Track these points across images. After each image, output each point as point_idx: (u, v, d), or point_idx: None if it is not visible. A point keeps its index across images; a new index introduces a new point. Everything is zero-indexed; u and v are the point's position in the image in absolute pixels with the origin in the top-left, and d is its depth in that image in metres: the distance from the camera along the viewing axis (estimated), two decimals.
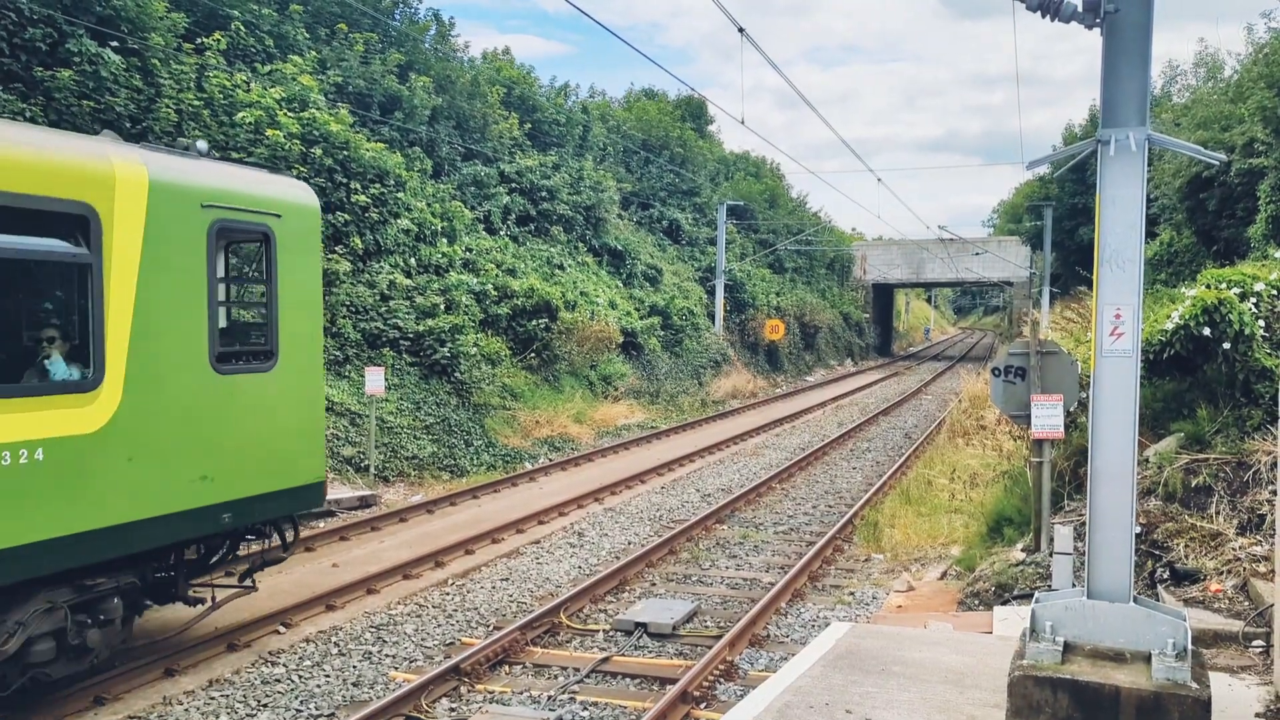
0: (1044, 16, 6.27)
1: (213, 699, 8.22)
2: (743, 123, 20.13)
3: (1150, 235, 24.49)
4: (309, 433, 9.48)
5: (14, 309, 7.45)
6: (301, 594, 10.72)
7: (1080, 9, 6.08)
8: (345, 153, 20.24)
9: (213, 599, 9.13)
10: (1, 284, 7.27)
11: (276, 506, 9.15)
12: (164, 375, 7.84)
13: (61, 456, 7.00)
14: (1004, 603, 9.85)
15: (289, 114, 19.40)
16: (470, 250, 24.98)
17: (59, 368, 7.27)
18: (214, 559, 9.24)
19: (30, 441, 6.77)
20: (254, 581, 9.68)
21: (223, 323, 8.77)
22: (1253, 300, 11.20)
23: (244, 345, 9.31)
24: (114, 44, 16.83)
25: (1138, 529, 9.06)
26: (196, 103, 17.76)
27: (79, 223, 7.16)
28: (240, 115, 18.39)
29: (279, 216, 9.01)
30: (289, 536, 9.69)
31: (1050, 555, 8.98)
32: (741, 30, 13.79)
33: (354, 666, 9.04)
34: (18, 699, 7.57)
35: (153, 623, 9.58)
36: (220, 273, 8.68)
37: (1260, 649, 7.81)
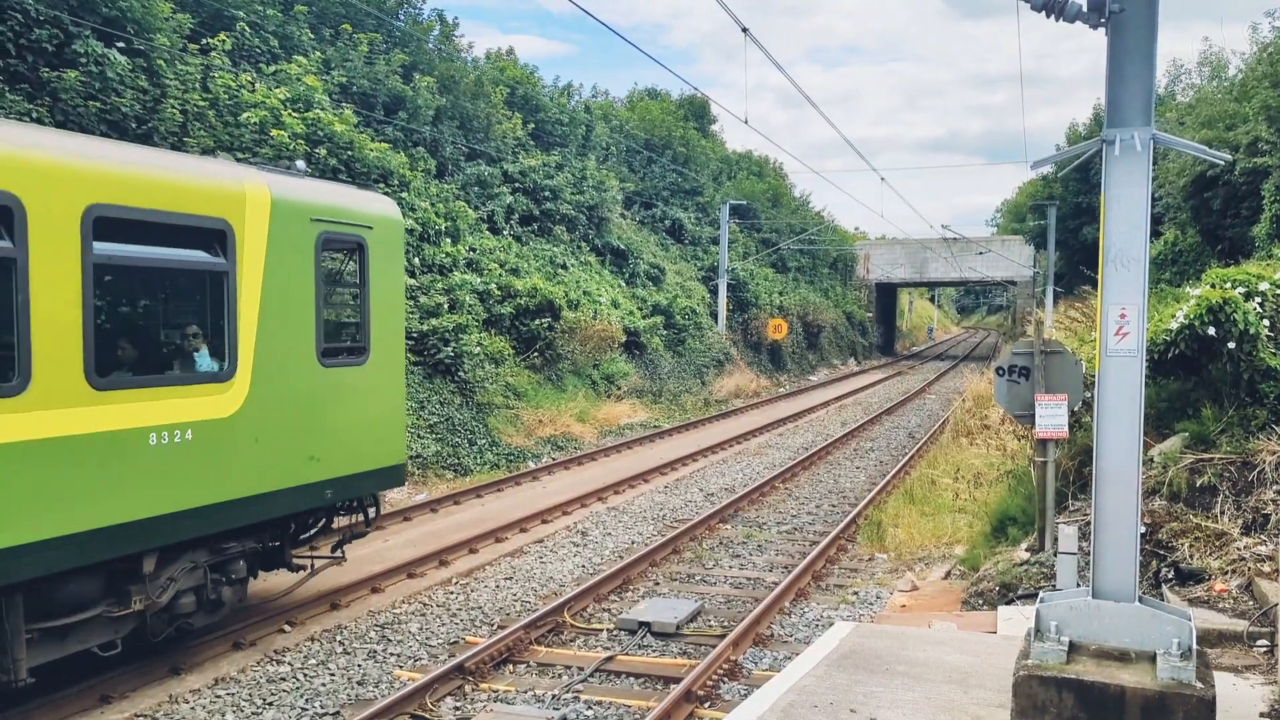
0: (1049, 16, 6.26)
1: (219, 697, 8.25)
2: (746, 122, 20.16)
3: (1155, 234, 24.48)
4: (393, 420, 10.77)
5: (170, 310, 8.87)
6: (306, 592, 10.74)
7: (1085, 9, 6.08)
8: (349, 153, 20.27)
9: (311, 567, 10.28)
10: (161, 289, 8.72)
11: (367, 484, 10.37)
12: (281, 368, 9.02)
13: (205, 437, 8.22)
14: (1008, 602, 9.85)
15: (293, 114, 19.43)
16: (474, 250, 25.00)
17: (204, 361, 8.48)
18: (313, 531, 10.36)
19: (183, 424, 8.03)
20: (343, 553, 10.78)
21: (325, 322, 9.73)
22: (1257, 300, 11.18)
23: (342, 342, 10.22)
24: (120, 45, 16.86)
25: (1142, 529, 9.06)
26: (202, 103, 17.80)
27: (218, 236, 8.36)
28: (245, 116, 18.42)
29: (370, 228, 10.20)
30: (372, 513, 10.84)
31: (1054, 555, 8.98)
32: (745, 30, 13.80)
33: (359, 665, 9.06)
34: (29, 695, 7.60)
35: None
36: (324, 278, 9.68)
37: (1265, 648, 7.81)
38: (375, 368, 10.34)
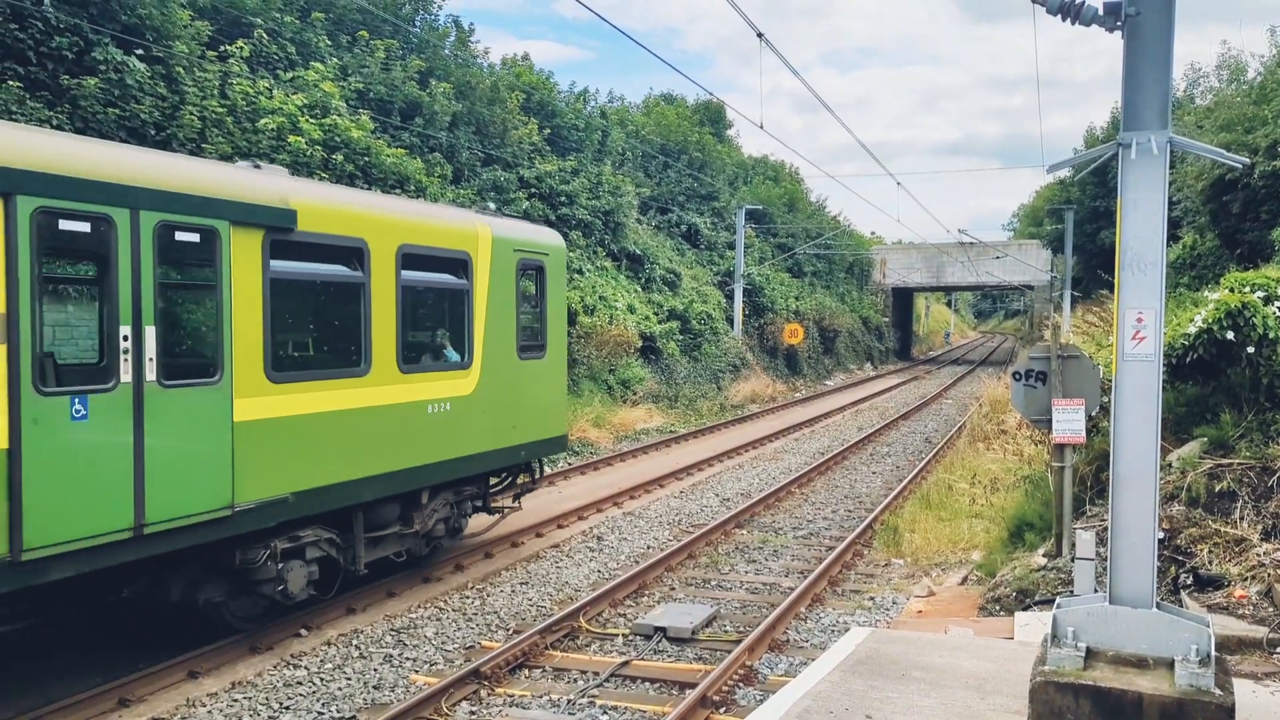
0: (1065, 20, 6.25)
1: (235, 701, 8.29)
2: (761, 127, 20.19)
3: (1173, 238, 24.33)
4: (560, 401, 14.13)
5: (437, 317, 11.87)
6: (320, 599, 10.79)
7: (1101, 12, 6.06)
8: (366, 159, 20.38)
9: (501, 511, 13.41)
10: (433, 302, 11.80)
11: (545, 449, 13.68)
12: (496, 360, 12.29)
13: (456, 408, 11.53)
14: (1025, 608, 9.80)
15: (311, 120, 19.55)
16: None
17: (453, 354, 11.69)
18: (504, 483, 13.61)
19: (445, 398, 11.34)
20: (520, 503, 14.03)
21: (518, 327, 12.83)
22: (1277, 304, 11.10)
23: (530, 342, 13.19)
24: (139, 52, 17.02)
25: (1160, 534, 9.00)
26: (220, 109, 17.94)
27: (464, 265, 11.70)
28: (263, 122, 18.55)
29: (547, 255, 13.52)
30: (537, 474, 14.14)
31: (1072, 560, 8.93)
32: (760, 35, 13.80)
33: (375, 669, 9.09)
34: (47, 697, 7.64)
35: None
36: (520, 293, 12.84)
37: None
38: (550, 361, 13.65)
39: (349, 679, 8.84)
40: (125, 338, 7.69)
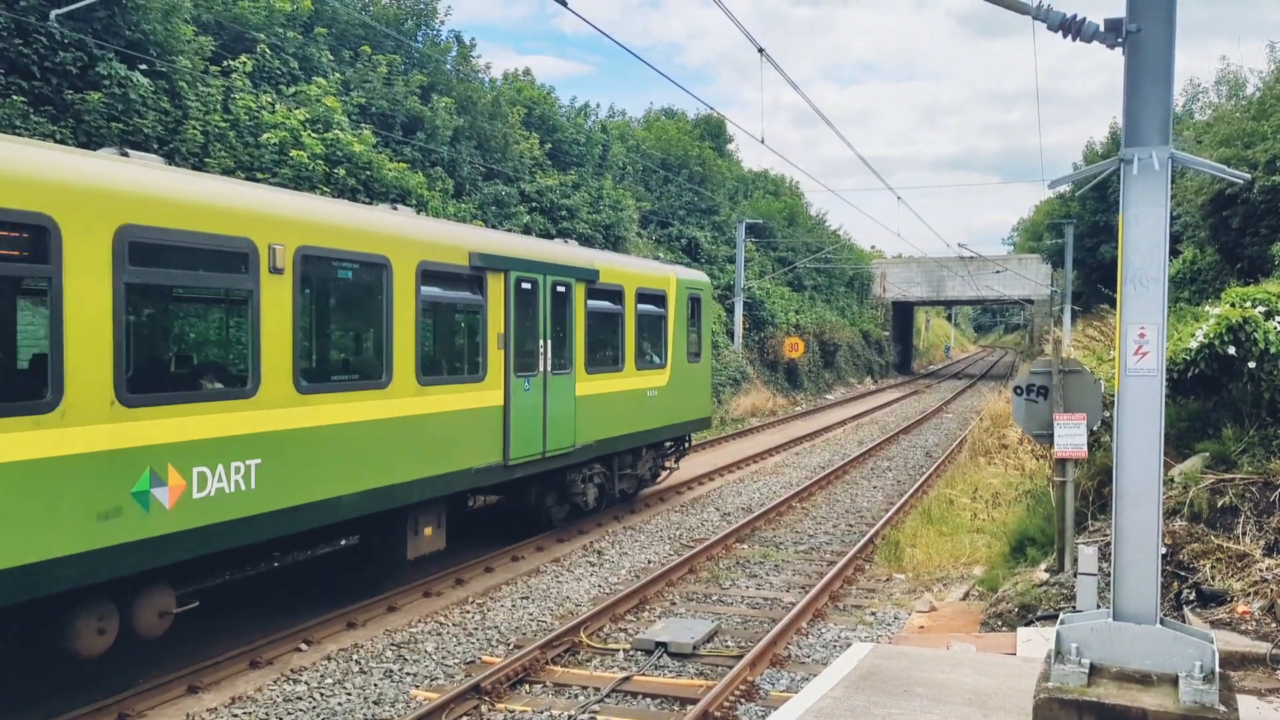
0: (1066, 36, 6.29)
1: (235, 716, 8.26)
2: (762, 142, 20.28)
3: (1173, 253, 24.32)
4: (708, 393, 19.96)
5: (652, 333, 17.10)
6: (321, 613, 10.76)
7: (1102, 29, 6.09)
8: (368, 173, 20.43)
9: (667, 469, 18.62)
10: (651, 324, 16.99)
11: (696, 425, 19.32)
12: (678, 362, 17.87)
13: (659, 395, 17.08)
14: (1028, 624, 9.77)
15: (313, 135, 19.61)
16: None
17: (657, 359, 17.16)
18: (670, 450, 18.77)
19: (651, 388, 16.81)
20: (678, 465, 19.14)
21: (688, 340, 18.42)
22: (1278, 319, 11.11)
23: (693, 350, 18.74)
24: (143, 67, 17.08)
25: (1163, 550, 8.99)
26: (223, 124, 17.99)
27: (663, 299, 17.34)
28: (265, 136, 18.61)
29: (702, 290, 19.20)
30: (686, 446, 19.53)
31: (1074, 576, 8.91)
32: (761, 50, 13.85)
33: (375, 684, 9.06)
34: (45, 712, 7.61)
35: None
36: (687, 317, 18.36)
37: None
38: (703, 364, 19.32)
39: (349, 694, 8.81)
40: (542, 347, 13.57)
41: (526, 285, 13.06)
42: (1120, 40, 5.96)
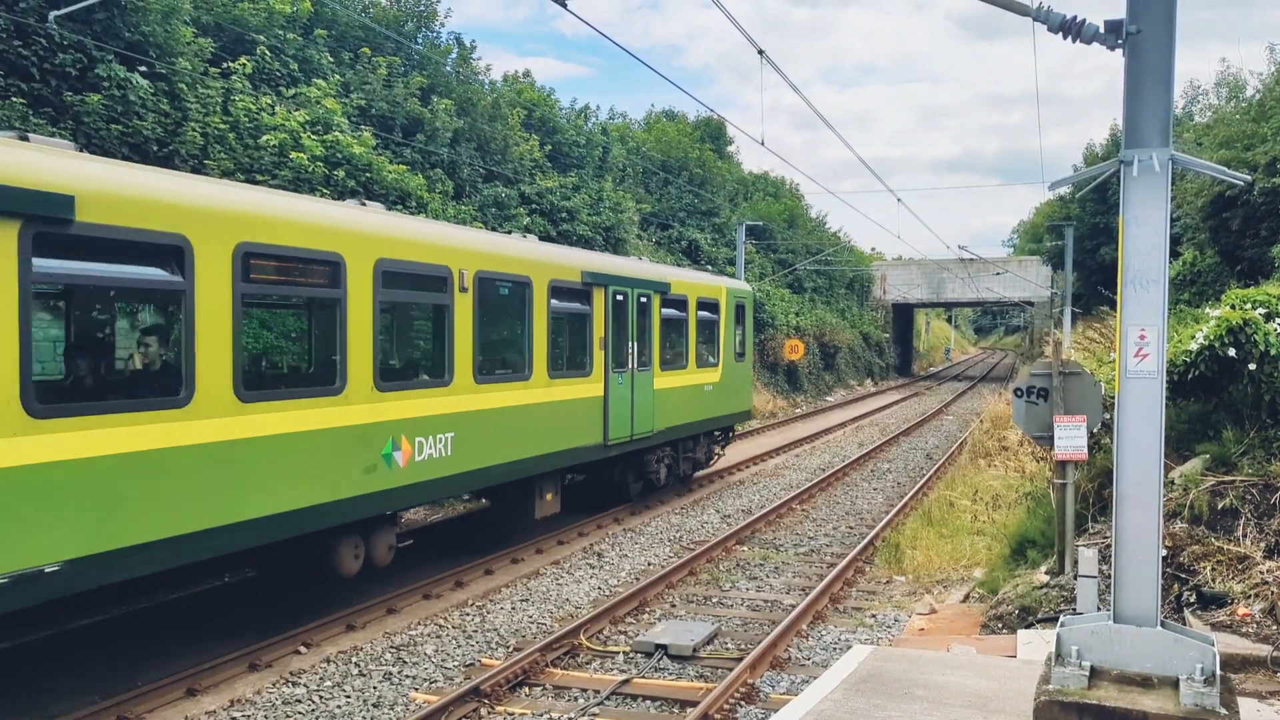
0: (1066, 38, 6.28)
1: (234, 718, 8.24)
2: (762, 144, 20.25)
3: (1173, 255, 24.31)
4: (749, 389, 22.42)
5: (710, 335, 19.61)
6: (320, 615, 10.75)
7: (1102, 30, 6.08)
8: (368, 175, 20.42)
9: (718, 453, 21.28)
10: (707, 327, 19.43)
11: (740, 417, 21.82)
12: (727, 361, 20.23)
13: (712, 389, 19.46)
14: (1028, 626, 9.76)
15: (313, 137, 19.60)
16: None
17: (710, 360, 19.35)
18: (719, 438, 21.27)
19: (708, 383, 19.27)
20: (723, 451, 21.65)
21: (735, 341, 20.93)
22: (1278, 321, 11.10)
23: (739, 350, 21.22)
24: (142, 69, 17.07)
25: (1164, 552, 8.96)
26: (222, 126, 17.98)
27: (716, 306, 19.71)
28: (265, 138, 18.59)
29: (746, 298, 21.78)
30: (731, 434, 22.18)
31: (1074, 578, 8.89)
32: (761, 52, 13.85)
33: (374, 687, 9.04)
34: (49, 713, 7.59)
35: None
36: (734, 321, 20.84)
37: None
38: (746, 363, 21.85)
39: (348, 697, 8.79)
40: (630, 348, 16.23)
41: (619, 297, 15.79)
42: (1120, 42, 5.95)
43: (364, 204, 10.91)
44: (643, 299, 16.58)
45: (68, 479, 7.11)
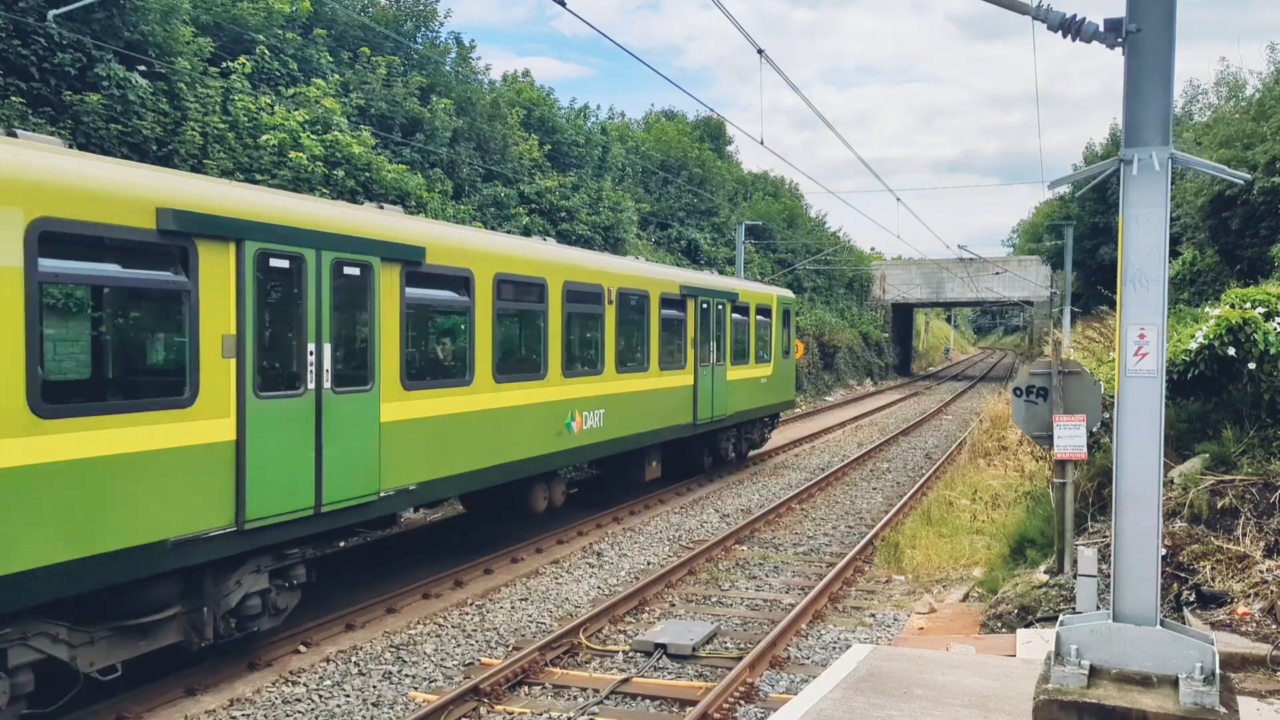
0: (1065, 36, 6.28)
1: (234, 718, 8.24)
2: (761, 143, 20.21)
3: (1173, 254, 24.30)
4: (793, 381, 25.66)
5: (765, 336, 23.23)
6: (320, 615, 10.74)
7: (1102, 29, 6.08)
8: (367, 174, 20.41)
9: (767, 435, 24.84)
10: (763, 330, 23.12)
11: (785, 405, 25.44)
12: (777, 357, 23.92)
13: (764, 382, 23.07)
14: (1027, 625, 9.76)
15: (312, 136, 19.59)
16: None
17: (764, 356, 23.05)
18: (768, 423, 24.71)
19: (763, 376, 23.03)
20: (770, 435, 25.06)
21: (784, 341, 24.57)
22: (1278, 320, 11.10)
23: (785, 348, 24.63)
24: (141, 68, 17.06)
25: (1163, 551, 8.97)
26: (221, 125, 17.97)
27: (769, 312, 23.61)
28: (264, 138, 18.58)
29: (791, 304, 25.37)
30: (778, 420, 25.77)
31: (1074, 577, 8.90)
32: (761, 52, 13.84)
33: (374, 686, 9.04)
34: (47, 714, 7.60)
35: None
36: (782, 324, 24.33)
37: None
38: (790, 360, 25.23)
39: (348, 696, 8.79)
40: (713, 346, 19.88)
41: (704, 305, 19.70)
42: (1120, 40, 5.95)
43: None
44: (719, 306, 20.49)
45: (422, 429, 10.94)
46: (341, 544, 12.63)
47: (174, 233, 7.91)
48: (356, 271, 9.96)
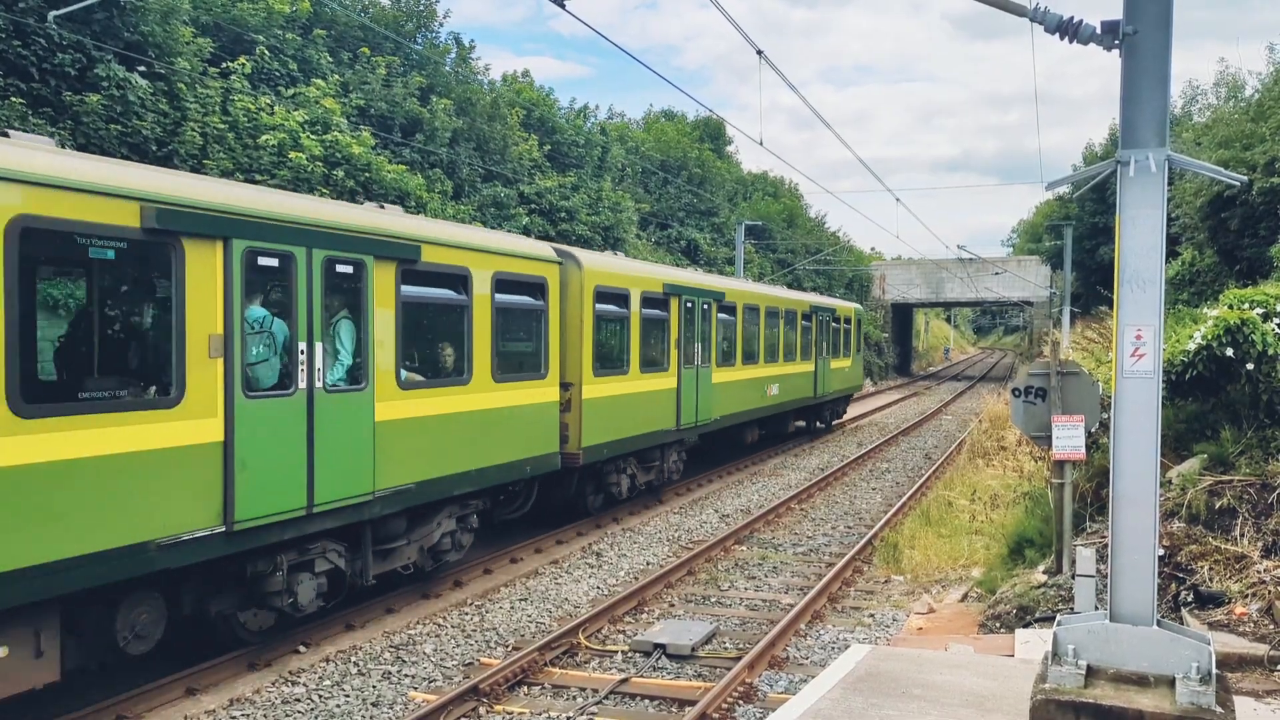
0: (1063, 38, 6.30)
1: (234, 718, 8.26)
2: (760, 143, 20.23)
3: (1171, 254, 24.33)
4: (860, 374, 35.37)
5: (845, 339, 32.29)
6: (319, 614, 10.76)
7: (1099, 31, 6.10)
8: (367, 174, 20.43)
9: (842, 411, 33.57)
10: (845, 334, 32.30)
11: (857, 389, 35.40)
12: (853, 354, 33.37)
13: (845, 371, 31.94)
14: (1026, 625, 9.78)
15: (312, 136, 19.62)
16: None
17: (845, 353, 32.08)
18: (845, 402, 34.01)
19: (844, 367, 31.68)
20: (845, 412, 33.90)
21: (858, 341, 34.31)
22: (1276, 321, 11.11)
23: (858, 348, 34.20)
24: (141, 69, 17.09)
25: (1161, 551, 8.99)
26: (221, 126, 18.00)
27: (850, 320, 33.06)
28: (264, 138, 18.61)
29: (862, 315, 35.32)
30: (850, 400, 34.90)
31: (1072, 577, 8.92)
32: (760, 52, 13.86)
33: (373, 686, 9.06)
34: (48, 711, 7.62)
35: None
36: (857, 330, 33.92)
37: None
38: (860, 356, 34.52)
39: (348, 696, 8.81)
40: (823, 345, 29.14)
41: (820, 318, 28.02)
42: (1117, 42, 5.97)
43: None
44: (821, 317, 28.44)
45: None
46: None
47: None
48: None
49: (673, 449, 18.56)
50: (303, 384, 9.13)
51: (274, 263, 8.91)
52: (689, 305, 18.76)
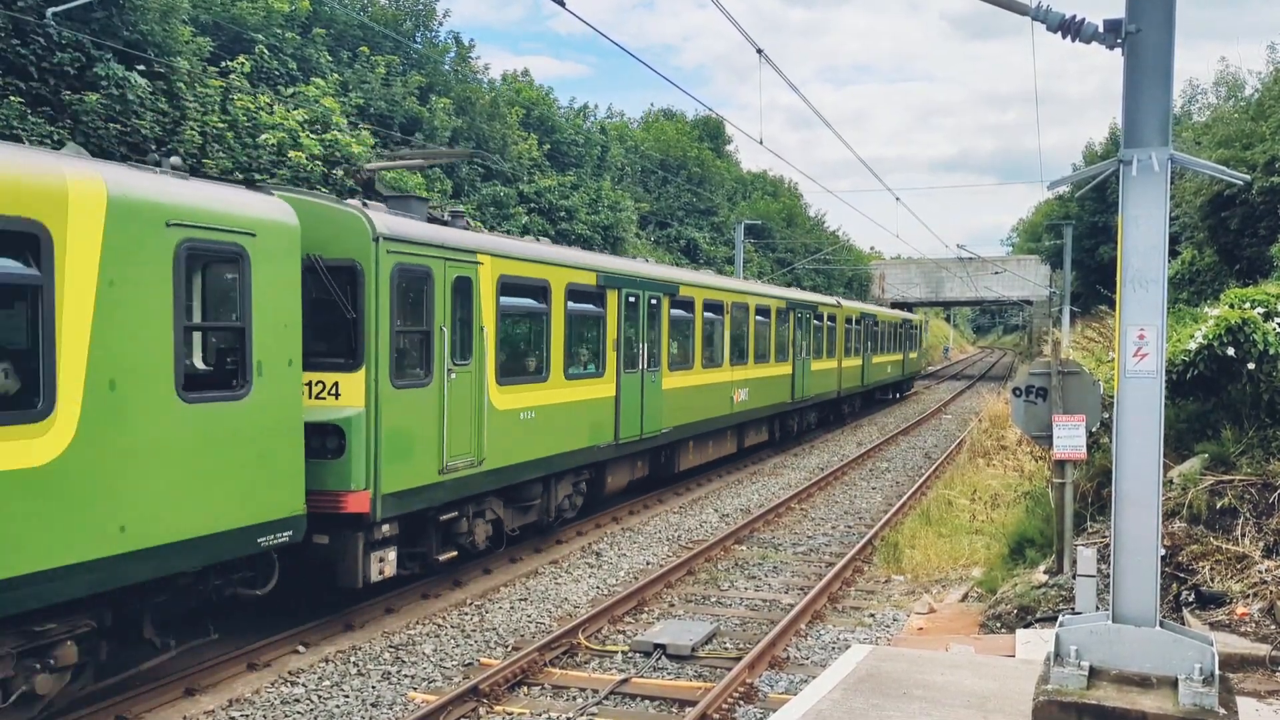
0: (1065, 37, 6.28)
1: (233, 718, 8.24)
2: (760, 143, 20.27)
3: (1172, 254, 24.29)
4: (918, 362, 50.91)
5: (910, 339, 45.32)
6: (319, 614, 10.73)
7: (1101, 30, 6.08)
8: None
9: (910, 388, 47.61)
10: (910, 335, 44.67)
11: (918, 374, 51.47)
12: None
13: (909, 361, 45.15)
14: (1027, 625, 9.76)
15: (311, 136, 19.60)
16: None
17: (910, 348, 44.66)
18: (909, 382, 46.84)
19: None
20: (911, 390, 47.22)
21: (920, 339, 50.71)
22: (1277, 320, 11.09)
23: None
24: (140, 68, 17.06)
25: (1162, 551, 8.96)
26: (220, 125, 17.97)
27: (914, 325, 46.57)
28: (264, 137, 18.59)
29: (921, 320, 54.75)
30: (914, 380, 50.55)
31: (1073, 577, 8.90)
32: (760, 51, 13.84)
33: (373, 687, 9.04)
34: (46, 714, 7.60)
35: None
36: (921, 330, 51.59)
37: None
38: (921, 351, 51.52)
39: (347, 696, 8.79)
40: (890, 345, 39.00)
41: (890, 323, 34.84)
42: (1120, 41, 5.95)
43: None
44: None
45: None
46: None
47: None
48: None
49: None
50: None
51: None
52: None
